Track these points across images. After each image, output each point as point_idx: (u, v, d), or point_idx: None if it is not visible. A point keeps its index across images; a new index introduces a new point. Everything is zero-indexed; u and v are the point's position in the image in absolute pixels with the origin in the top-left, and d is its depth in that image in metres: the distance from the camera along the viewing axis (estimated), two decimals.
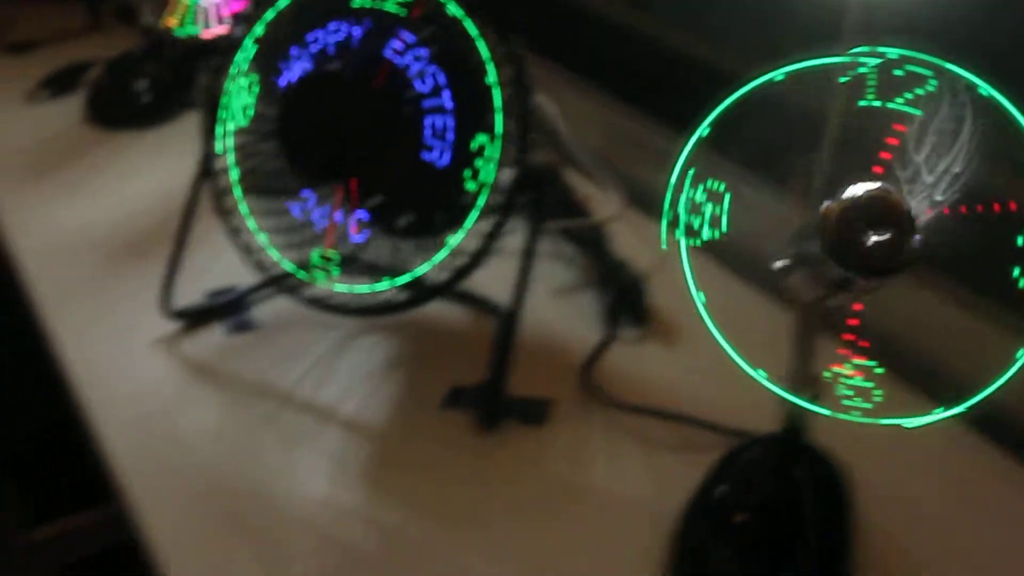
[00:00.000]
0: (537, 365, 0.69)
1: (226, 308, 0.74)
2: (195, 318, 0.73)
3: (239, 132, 0.69)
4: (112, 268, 0.80)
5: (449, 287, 0.64)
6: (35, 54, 1.18)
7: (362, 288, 0.66)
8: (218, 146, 0.69)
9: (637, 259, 0.79)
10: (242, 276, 0.76)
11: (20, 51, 1.18)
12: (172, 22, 0.98)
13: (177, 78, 1.06)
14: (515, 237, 0.65)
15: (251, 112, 0.68)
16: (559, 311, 0.77)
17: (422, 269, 0.64)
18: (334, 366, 0.70)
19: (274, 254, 0.67)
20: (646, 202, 0.89)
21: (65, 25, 1.23)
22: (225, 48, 0.68)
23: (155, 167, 0.95)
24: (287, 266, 0.67)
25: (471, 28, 0.61)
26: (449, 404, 0.67)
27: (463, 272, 0.63)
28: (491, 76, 0.61)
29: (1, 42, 1.19)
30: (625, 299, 0.76)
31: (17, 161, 0.96)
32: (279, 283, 0.69)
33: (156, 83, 1.03)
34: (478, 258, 0.63)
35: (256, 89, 0.68)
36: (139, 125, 1.02)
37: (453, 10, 0.62)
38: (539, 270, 0.67)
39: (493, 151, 0.61)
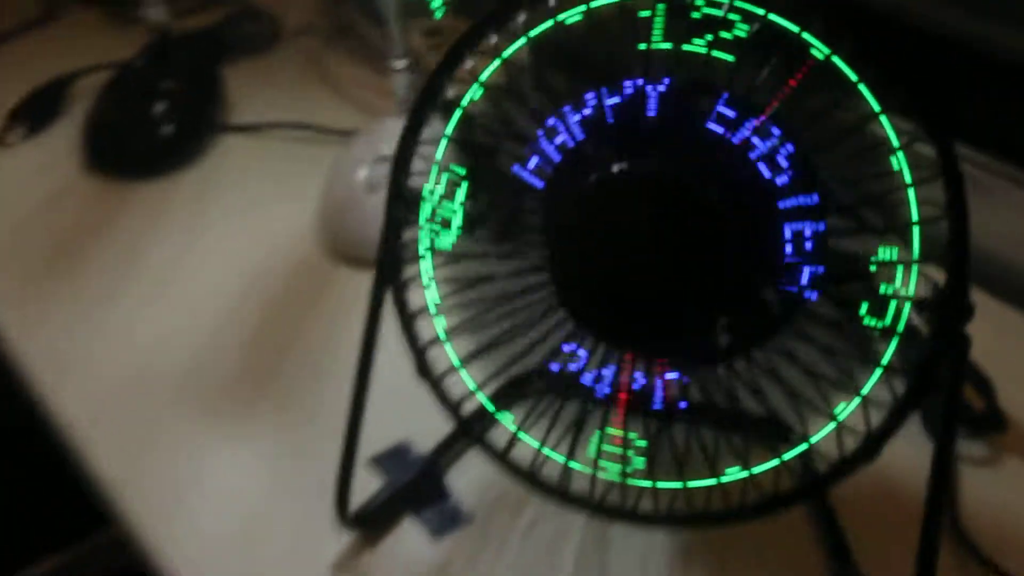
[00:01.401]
0: (864, 516, 0.48)
1: (417, 491, 0.50)
2: (380, 517, 0.49)
3: (442, 255, 0.44)
4: (211, 429, 0.55)
5: (835, 480, 0.41)
6: None
7: (699, 481, 0.42)
8: (423, 273, 0.44)
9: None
10: (407, 426, 0.53)
11: None
12: None
13: (200, 91, 0.79)
14: None
15: (459, 225, 0.43)
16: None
17: (793, 451, 0.41)
18: (606, 572, 0.47)
19: (553, 454, 0.44)
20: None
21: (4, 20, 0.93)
22: (416, 122, 0.42)
23: (208, 231, 0.69)
24: (576, 465, 0.43)
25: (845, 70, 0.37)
26: None
27: (857, 459, 0.40)
28: (896, 152, 0.37)
29: None
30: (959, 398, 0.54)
31: (4, 243, 0.69)
32: (528, 478, 0.45)
33: (177, 104, 0.75)
34: (884, 438, 0.40)
35: (466, 187, 0.42)
36: (166, 167, 0.74)
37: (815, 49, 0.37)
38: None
39: (906, 276, 0.38)
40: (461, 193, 0.42)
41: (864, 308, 0.38)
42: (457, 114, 0.42)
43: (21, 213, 0.71)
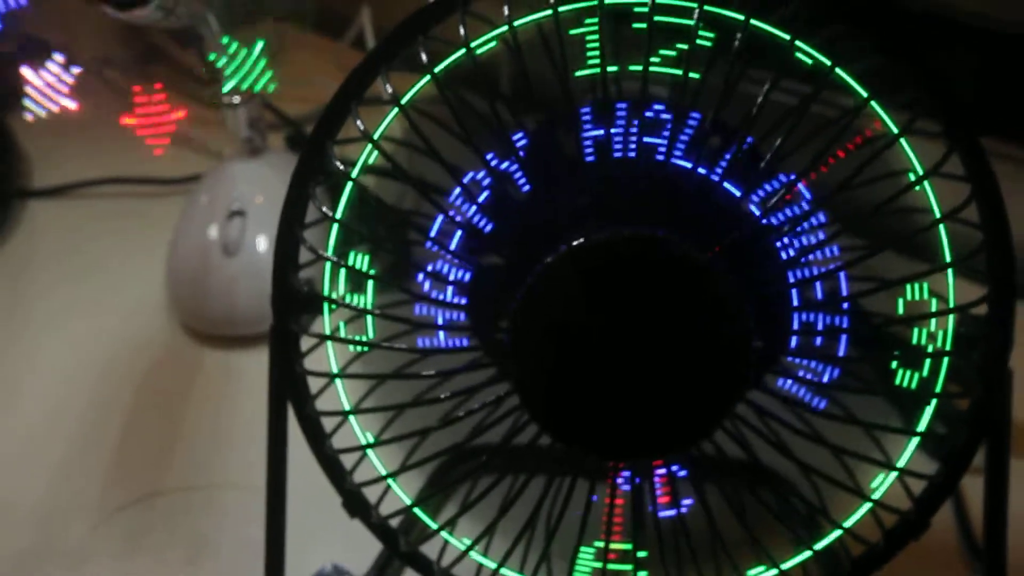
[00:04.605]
0: None
1: None
2: None
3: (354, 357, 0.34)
4: None
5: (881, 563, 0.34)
6: None
7: None
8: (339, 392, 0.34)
9: None
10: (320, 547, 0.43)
11: None
12: None
13: None
14: None
15: (371, 323, 0.33)
16: None
17: (825, 538, 0.33)
18: None
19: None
20: None
21: None
22: (296, 209, 0.32)
23: (26, 324, 0.57)
24: None
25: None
26: None
27: (902, 534, 0.33)
28: (929, 196, 0.30)
29: None
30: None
31: None
32: None
33: None
34: (931, 509, 0.33)
35: (373, 287, 0.33)
36: None
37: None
38: None
39: (942, 327, 0.31)
40: (369, 293, 0.32)
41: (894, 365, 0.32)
42: (348, 188, 0.32)
43: None
